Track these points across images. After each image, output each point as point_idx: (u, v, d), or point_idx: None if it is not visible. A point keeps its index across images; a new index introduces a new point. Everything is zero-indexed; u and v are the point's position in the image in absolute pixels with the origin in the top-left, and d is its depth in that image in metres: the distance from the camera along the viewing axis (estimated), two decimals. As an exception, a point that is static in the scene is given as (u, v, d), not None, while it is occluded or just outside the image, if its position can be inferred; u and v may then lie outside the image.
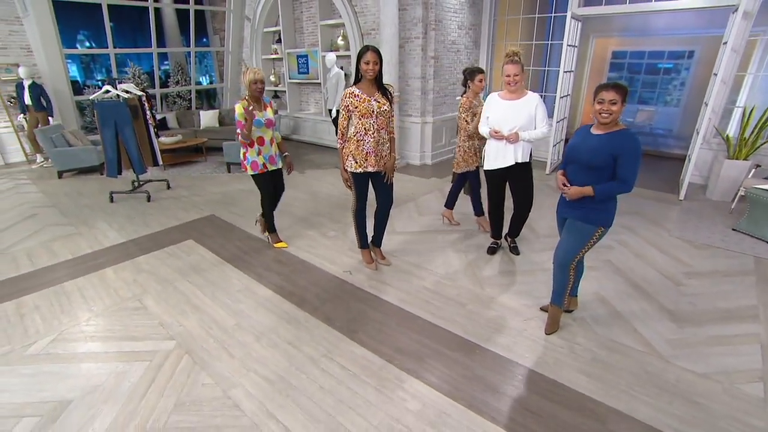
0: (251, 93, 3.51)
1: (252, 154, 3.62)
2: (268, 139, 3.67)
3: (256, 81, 3.45)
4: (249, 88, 3.48)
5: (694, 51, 7.16)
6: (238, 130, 3.49)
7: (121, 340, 2.74)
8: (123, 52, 8.91)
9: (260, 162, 3.66)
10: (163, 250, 4.02)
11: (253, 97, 3.53)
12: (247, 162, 3.66)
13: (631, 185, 2.33)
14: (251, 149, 3.61)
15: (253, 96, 3.52)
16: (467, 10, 6.80)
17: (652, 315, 2.96)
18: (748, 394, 2.27)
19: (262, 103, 3.59)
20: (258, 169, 3.66)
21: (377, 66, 3.01)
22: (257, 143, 3.60)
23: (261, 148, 3.64)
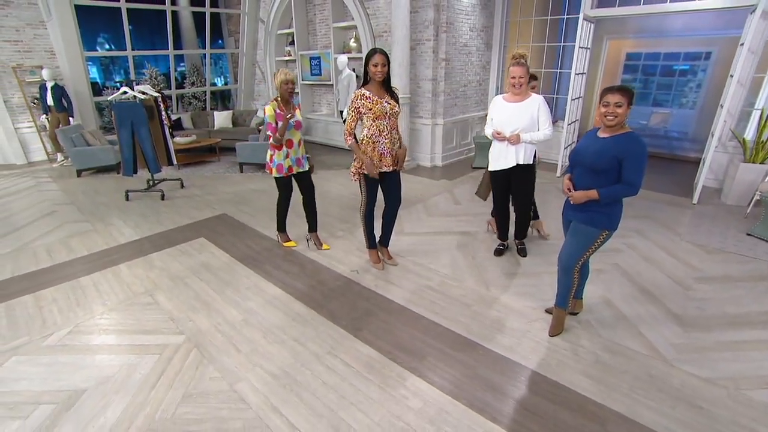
0: (282, 94, 3.48)
1: (279, 157, 3.59)
2: (297, 141, 3.68)
3: (287, 82, 3.43)
4: (280, 89, 3.46)
5: (712, 52, 7.03)
6: (269, 132, 3.48)
7: (133, 334, 2.83)
8: (141, 54, 9.13)
9: (286, 165, 3.64)
10: (176, 248, 4.12)
11: (284, 98, 3.51)
12: (273, 164, 3.63)
13: (637, 188, 2.32)
14: (279, 152, 3.58)
15: (283, 97, 3.50)
16: (479, 12, 6.80)
17: (658, 319, 2.94)
18: (755, 400, 2.24)
19: (291, 104, 3.58)
20: (283, 172, 3.65)
21: (385, 68, 3.05)
22: (286, 146, 3.58)
23: (289, 151, 3.62)
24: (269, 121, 3.43)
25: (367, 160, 3.17)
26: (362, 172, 3.27)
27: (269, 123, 3.44)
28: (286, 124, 3.42)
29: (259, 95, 10.26)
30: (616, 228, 2.49)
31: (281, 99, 3.51)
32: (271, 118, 3.43)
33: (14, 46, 7.08)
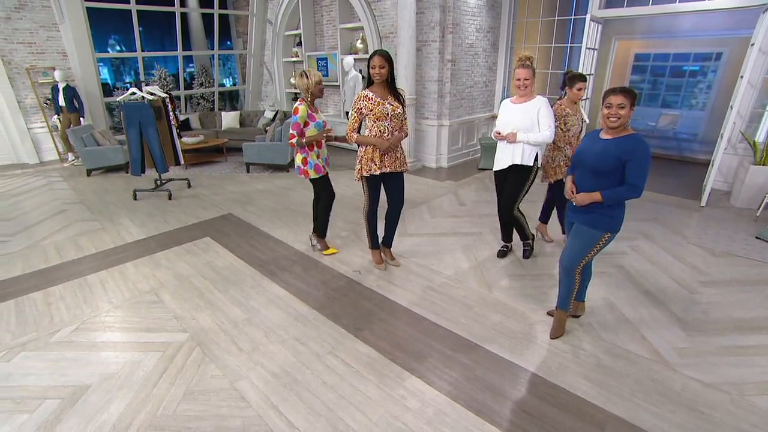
0: (315, 94, 3.45)
1: (313, 158, 3.57)
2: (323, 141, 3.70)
3: (320, 81, 3.44)
4: (314, 90, 3.41)
5: (723, 53, 6.93)
6: (293, 131, 3.40)
7: (137, 331, 2.88)
8: (150, 56, 9.26)
9: (321, 165, 3.65)
10: (181, 247, 4.17)
11: (315, 98, 3.49)
12: (309, 167, 3.57)
13: (641, 190, 2.31)
14: (311, 152, 3.56)
15: (315, 97, 3.47)
16: (485, 13, 6.79)
17: (661, 322, 2.92)
18: (758, 406, 2.21)
19: (315, 106, 3.57)
20: (321, 171, 3.64)
21: (384, 69, 3.07)
22: (316, 146, 3.60)
23: (319, 151, 3.63)
24: (298, 121, 3.38)
25: (377, 140, 3.16)
26: (364, 175, 3.28)
27: (296, 123, 3.38)
28: (324, 132, 3.55)
29: (267, 96, 10.33)
30: (618, 230, 2.48)
31: (312, 99, 3.47)
32: (302, 119, 3.39)
33: (28, 47, 7.22)
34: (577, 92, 3.55)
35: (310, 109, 3.44)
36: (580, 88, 3.53)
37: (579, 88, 3.54)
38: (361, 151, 3.28)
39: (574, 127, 3.63)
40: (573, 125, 3.62)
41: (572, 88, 3.56)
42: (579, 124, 3.66)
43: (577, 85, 3.53)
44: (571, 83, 3.56)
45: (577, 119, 3.64)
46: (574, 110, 3.65)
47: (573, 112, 3.62)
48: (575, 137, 3.67)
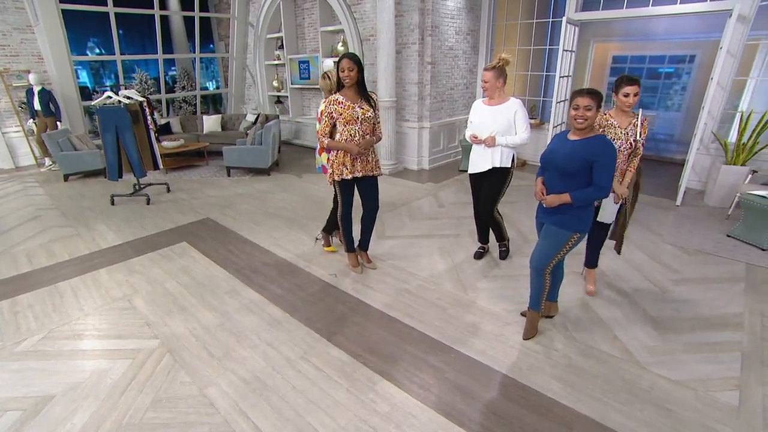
0: None
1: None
2: None
3: None
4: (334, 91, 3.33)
5: (696, 55, 7.08)
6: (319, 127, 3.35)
7: (107, 339, 2.83)
8: (129, 59, 9.14)
9: None
10: (157, 252, 4.11)
11: None
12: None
13: (608, 191, 2.36)
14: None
15: None
16: (465, 16, 6.83)
17: (633, 321, 2.95)
18: (722, 402, 2.25)
19: None
20: None
21: (353, 72, 3.06)
22: None
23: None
24: None
25: (346, 144, 3.15)
26: (336, 179, 3.27)
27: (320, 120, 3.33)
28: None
29: (250, 99, 10.27)
30: (587, 230, 2.52)
31: None
32: None
33: (1, 50, 7.07)
34: (623, 99, 2.86)
35: None
36: (626, 93, 2.84)
37: (625, 93, 2.84)
38: (333, 155, 3.27)
39: (617, 142, 2.90)
40: (615, 139, 2.91)
41: (618, 93, 2.89)
42: (625, 140, 2.91)
43: (623, 90, 2.85)
44: (617, 88, 2.91)
45: (625, 133, 2.90)
46: (624, 121, 2.92)
47: (620, 124, 2.92)
48: (618, 154, 2.92)
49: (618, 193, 2.95)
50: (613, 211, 3.07)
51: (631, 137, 2.90)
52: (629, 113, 2.93)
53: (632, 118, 2.92)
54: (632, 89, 2.82)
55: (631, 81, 2.84)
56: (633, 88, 2.82)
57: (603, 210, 3.06)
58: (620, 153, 2.93)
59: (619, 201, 3.00)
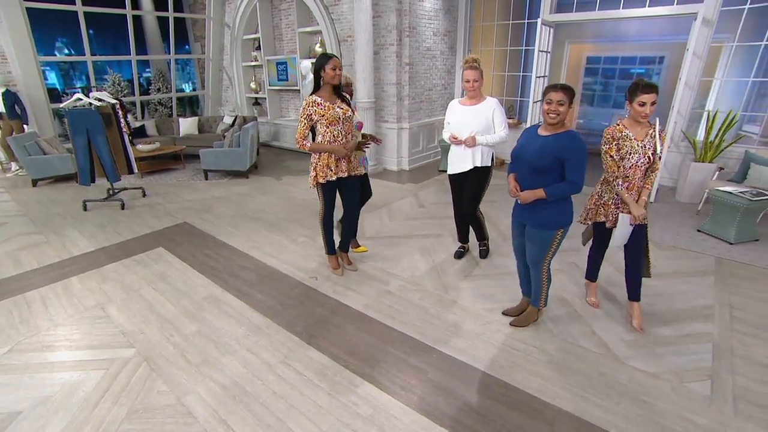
0: None
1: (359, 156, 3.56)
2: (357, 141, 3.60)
3: (347, 85, 3.41)
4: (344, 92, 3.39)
5: (664, 56, 7.34)
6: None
7: (79, 349, 2.73)
8: (101, 60, 8.89)
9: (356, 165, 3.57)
10: (132, 258, 4.00)
11: None
12: None
13: (581, 186, 2.37)
14: (360, 153, 3.55)
15: None
16: (442, 17, 6.88)
17: (612, 317, 3.01)
18: (695, 392, 2.31)
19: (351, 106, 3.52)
20: None
21: (341, 72, 3.09)
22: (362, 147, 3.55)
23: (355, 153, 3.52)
24: None
25: (333, 146, 3.14)
26: (321, 182, 3.24)
27: None
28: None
29: (227, 101, 10.11)
30: (570, 223, 2.53)
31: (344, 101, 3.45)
32: None
33: (-38, 51, 6.78)
34: (638, 108, 2.49)
35: None
36: (642, 102, 2.47)
37: (641, 102, 2.47)
38: (315, 158, 3.22)
39: (633, 157, 2.58)
40: (631, 153, 2.58)
41: (632, 102, 2.52)
42: (642, 154, 2.57)
43: (639, 98, 2.47)
44: (631, 95, 2.54)
45: (642, 146, 2.57)
46: (640, 133, 2.59)
47: (636, 136, 2.59)
48: (634, 169, 2.60)
49: (634, 215, 2.61)
50: (626, 234, 2.73)
51: (650, 151, 2.58)
52: (645, 124, 2.60)
53: (648, 129, 2.60)
54: (649, 98, 2.45)
55: (648, 88, 2.46)
56: (650, 96, 2.45)
57: (614, 235, 2.74)
58: (636, 168, 2.60)
59: (635, 222, 2.64)
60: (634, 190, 2.64)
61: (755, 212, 4.09)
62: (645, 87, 2.46)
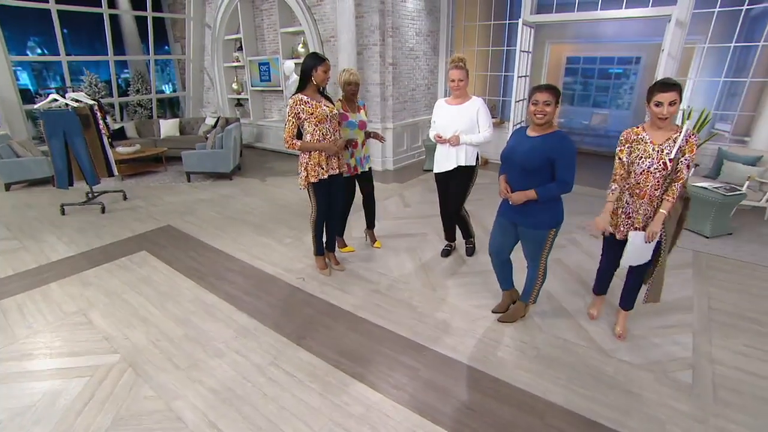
0: (345, 94, 3.50)
1: (346, 157, 3.57)
2: (360, 141, 3.63)
3: (350, 83, 3.43)
4: (343, 89, 3.47)
5: (641, 57, 7.54)
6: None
7: (60, 357, 2.65)
8: (76, 60, 8.65)
9: (353, 164, 3.62)
10: (114, 263, 3.91)
11: (347, 98, 3.52)
12: None
13: (571, 185, 2.39)
14: (345, 152, 3.55)
15: (347, 97, 3.52)
16: (425, 18, 6.92)
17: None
18: (678, 381, 2.38)
19: (356, 105, 3.59)
20: (351, 171, 3.64)
21: (329, 72, 3.11)
22: (351, 146, 3.56)
23: (354, 151, 3.60)
24: None
25: (324, 144, 3.15)
26: (313, 181, 3.22)
27: None
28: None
29: (209, 102, 9.97)
30: (561, 222, 2.56)
31: (345, 99, 3.54)
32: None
33: (-71, 51, 6.52)
34: (655, 109, 2.23)
35: (345, 109, 3.49)
36: (659, 102, 2.20)
37: (657, 102, 2.21)
38: (305, 157, 3.19)
39: (645, 161, 2.32)
40: (643, 157, 2.33)
41: (649, 103, 2.25)
42: (657, 159, 2.29)
43: (655, 98, 2.21)
44: (649, 95, 2.27)
45: (657, 150, 2.29)
46: (659, 137, 2.30)
47: (655, 139, 2.31)
48: (646, 175, 2.33)
49: (649, 232, 2.34)
50: (641, 253, 2.47)
51: (667, 156, 2.26)
52: (669, 127, 2.29)
53: (672, 133, 2.28)
54: (667, 96, 2.18)
55: (666, 86, 2.19)
56: (668, 96, 2.18)
57: (627, 252, 2.49)
58: (649, 174, 2.32)
59: (650, 240, 2.37)
60: (644, 199, 2.37)
61: (729, 207, 4.23)
62: (662, 86, 2.20)
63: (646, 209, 2.41)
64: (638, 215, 2.44)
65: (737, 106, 5.89)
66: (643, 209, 2.42)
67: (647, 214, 2.42)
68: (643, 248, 2.45)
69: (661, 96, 2.19)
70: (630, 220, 2.49)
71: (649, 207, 2.40)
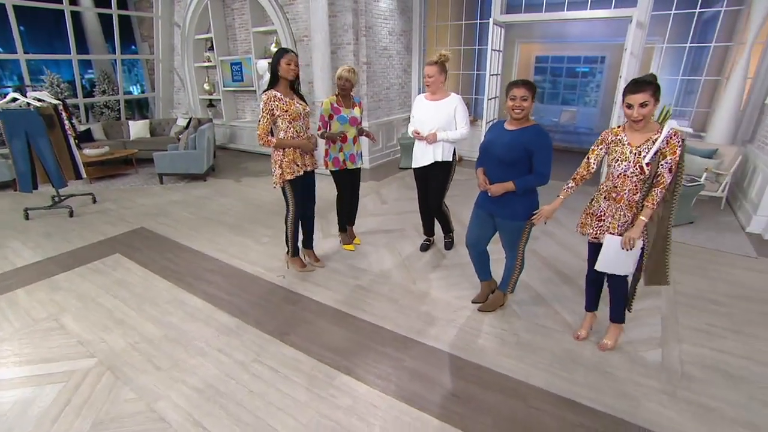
0: (341, 90, 3.55)
1: (334, 150, 3.63)
2: (351, 137, 3.63)
3: (340, 77, 3.48)
4: (338, 85, 3.52)
5: (606, 56, 7.84)
6: (320, 123, 3.58)
7: (30, 364, 2.55)
8: (36, 58, 8.29)
9: (341, 158, 3.64)
10: (86, 267, 3.78)
11: (342, 93, 3.56)
12: (328, 158, 3.66)
13: (548, 177, 2.48)
14: (333, 146, 3.62)
15: (341, 92, 3.56)
16: (397, 17, 6.99)
17: (572, 298, 3.18)
18: (649, 360, 2.51)
19: (351, 101, 3.62)
20: (339, 165, 3.66)
21: (298, 67, 3.07)
22: (340, 140, 3.58)
23: (343, 146, 3.62)
24: (323, 113, 3.55)
25: (300, 141, 3.17)
26: (289, 178, 3.20)
27: (322, 115, 3.56)
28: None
29: (179, 103, 9.74)
30: None
31: (340, 94, 3.58)
32: (326, 112, 3.54)
33: None
34: (627, 111, 2.11)
35: (338, 103, 3.55)
36: (629, 104, 2.07)
37: (628, 104, 2.08)
38: (279, 155, 3.17)
39: (622, 164, 2.18)
40: (620, 160, 2.19)
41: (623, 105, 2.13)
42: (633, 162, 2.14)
43: (626, 100, 2.09)
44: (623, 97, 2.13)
45: (634, 153, 2.14)
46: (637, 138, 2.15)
47: (633, 141, 2.16)
48: (623, 179, 2.21)
49: (626, 237, 2.21)
50: (617, 259, 2.31)
51: (644, 160, 2.11)
52: (648, 128, 2.13)
53: (653, 134, 2.11)
54: (637, 98, 2.03)
55: (637, 86, 2.03)
56: (638, 97, 2.02)
57: (601, 254, 2.35)
58: (626, 178, 2.19)
59: (626, 247, 2.21)
60: (621, 203, 2.25)
61: (690, 197, 4.46)
62: (633, 85, 2.05)
63: (624, 214, 2.26)
64: (613, 220, 2.30)
65: (694, 103, 6.22)
66: (620, 214, 2.27)
67: (625, 220, 2.26)
68: (620, 255, 2.28)
69: (631, 98, 2.05)
70: (600, 223, 2.36)
71: (627, 212, 2.25)
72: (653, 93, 2.02)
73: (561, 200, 2.49)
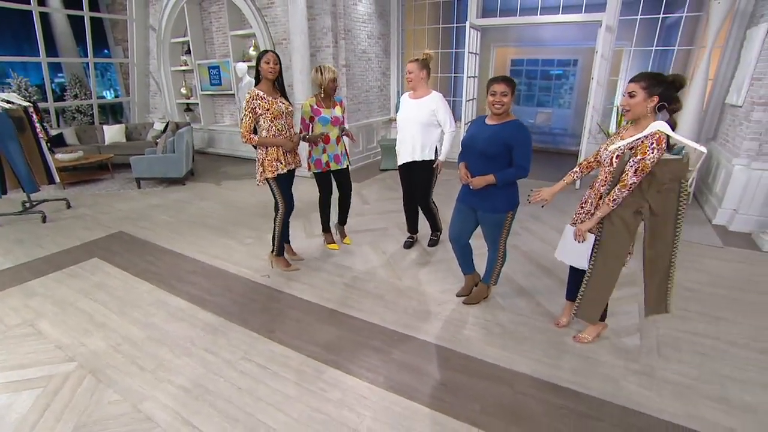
0: (327, 91, 3.48)
1: (317, 152, 3.60)
2: (334, 137, 3.60)
3: (334, 79, 3.46)
4: (327, 86, 3.44)
5: (578, 59, 8.11)
6: (301, 126, 3.54)
7: (4, 371, 2.46)
8: (2, 60, 8.03)
9: (324, 160, 3.62)
10: (62, 272, 3.68)
11: (327, 94, 3.52)
12: (311, 160, 3.65)
13: (528, 170, 2.55)
14: (316, 147, 3.59)
15: (327, 93, 3.51)
16: (375, 21, 7.07)
17: (553, 290, 3.27)
18: (628, 344, 2.61)
19: (332, 101, 3.58)
20: (321, 167, 3.64)
21: (277, 66, 3.09)
22: (322, 141, 3.55)
23: (326, 147, 3.58)
24: (303, 116, 3.49)
25: (280, 140, 3.18)
26: (270, 176, 3.21)
27: (302, 118, 3.50)
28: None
29: (155, 108, 9.56)
30: (517, 205, 2.71)
31: (324, 95, 3.52)
32: (306, 114, 3.49)
33: None
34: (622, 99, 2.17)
35: (318, 104, 3.50)
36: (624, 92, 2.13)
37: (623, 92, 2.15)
38: (262, 153, 3.19)
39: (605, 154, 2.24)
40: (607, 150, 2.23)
41: None
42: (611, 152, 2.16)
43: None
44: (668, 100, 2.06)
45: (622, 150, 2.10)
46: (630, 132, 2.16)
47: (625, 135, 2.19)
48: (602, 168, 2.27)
49: (577, 228, 2.30)
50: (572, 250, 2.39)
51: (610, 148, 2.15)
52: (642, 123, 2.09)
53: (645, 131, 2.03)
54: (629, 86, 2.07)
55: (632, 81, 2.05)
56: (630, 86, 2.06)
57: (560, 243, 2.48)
58: (603, 168, 2.23)
59: (578, 239, 2.32)
60: (592, 192, 2.33)
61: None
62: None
63: (591, 203, 2.33)
64: (581, 209, 2.38)
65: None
66: (588, 203, 2.35)
67: (589, 209, 2.34)
68: (575, 246, 2.34)
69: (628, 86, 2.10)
70: (581, 209, 2.42)
71: (595, 201, 2.30)
72: (646, 85, 2.03)
73: (563, 184, 2.51)
